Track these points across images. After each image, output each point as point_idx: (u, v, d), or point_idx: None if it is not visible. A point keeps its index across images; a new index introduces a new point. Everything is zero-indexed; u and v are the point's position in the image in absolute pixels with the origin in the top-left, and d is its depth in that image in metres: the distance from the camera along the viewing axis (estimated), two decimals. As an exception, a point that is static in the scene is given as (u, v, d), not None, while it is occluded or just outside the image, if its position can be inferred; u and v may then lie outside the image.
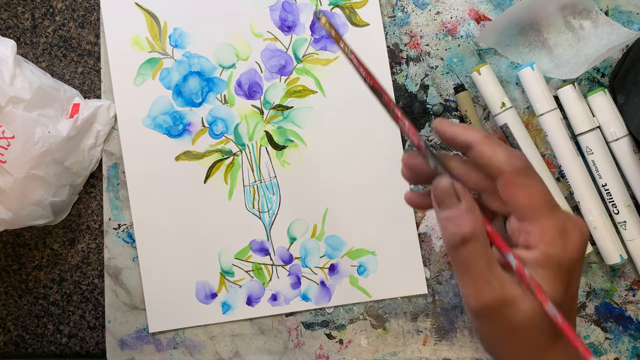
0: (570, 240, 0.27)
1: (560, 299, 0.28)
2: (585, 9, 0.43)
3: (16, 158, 0.40)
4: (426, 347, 0.45)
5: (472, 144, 0.28)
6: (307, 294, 0.46)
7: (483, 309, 0.27)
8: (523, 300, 0.27)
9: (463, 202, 0.27)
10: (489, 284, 0.27)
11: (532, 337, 0.28)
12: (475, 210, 0.27)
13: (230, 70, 0.46)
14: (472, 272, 0.27)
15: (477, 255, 0.27)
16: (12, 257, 0.48)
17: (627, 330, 0.44)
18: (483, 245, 0.27)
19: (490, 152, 0.27)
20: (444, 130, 0.29)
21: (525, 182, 0.27)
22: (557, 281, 0.27)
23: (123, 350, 0.46)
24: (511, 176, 0.27)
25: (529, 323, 0.27)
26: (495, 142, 0.28)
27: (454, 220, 0.27)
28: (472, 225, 0.27)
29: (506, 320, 0.27)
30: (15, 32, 0.48)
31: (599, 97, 0.42)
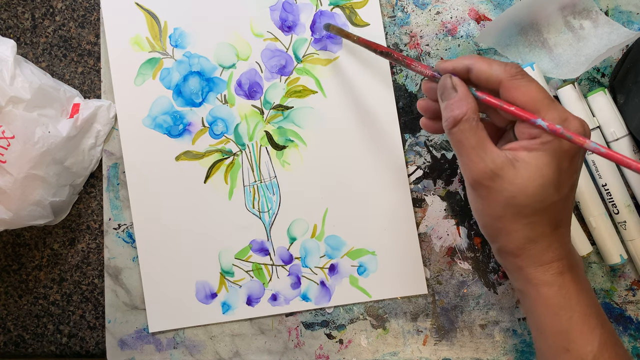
0: (571, 125, 0.30)
1: (558, 182, 0.30)
2: (585, 9, 0.43)
3: (16, 158, 0.40)
4: (426, 347, 0.45)
5: (470, 67, 0.32)
6: (307, 294, 0.46)
7: (476, 180, 0.31)
8: (514, 173, 0.30)
9: (458, 91, 0.32)
10: (481, 158, 0.31)
11: (524, 208, 0.31)
12: (468, 98, 0.32)
13: (231, 70, 0.46)
14: (466, 149, 0.31)
15: (468, 134, 0.31)
16: (12, 257, 0.48)
17: (627, 330, 0.44)
18: (473, 126, 0.31)
19: (487, 67, 0.32)
20: (444, 67, 0.33)
21: (522, 83, 0.31)
22: (557, 164, 0.30)
23: (123, 350, 0.46)
24: (509, 82, 0.31)
25: (520, 194, 0.30)
26: (489, 58, 0.32)
27: (449, 107, 0.32)
28: (463, 108, 0.31)
29: (498, 191, 0.31)
30: (15, 32, 0.48)
31: (599, 97, 0.42)
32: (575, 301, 0.32)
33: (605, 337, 0.32)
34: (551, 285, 0.32)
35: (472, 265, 0.45)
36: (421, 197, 0.45)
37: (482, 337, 0.45)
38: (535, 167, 0.30)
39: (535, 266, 0.32)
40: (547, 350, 0.34)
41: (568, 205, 0.33)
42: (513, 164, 0.30)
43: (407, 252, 0.45)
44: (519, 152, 0.31)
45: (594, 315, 0.33)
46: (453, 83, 0.32)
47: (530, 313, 0.34)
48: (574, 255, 0.34)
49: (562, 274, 0.32)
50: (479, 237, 0.45)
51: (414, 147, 0.45)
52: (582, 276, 0.34)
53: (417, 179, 0.45)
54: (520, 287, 0.34)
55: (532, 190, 0.30)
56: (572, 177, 0.32)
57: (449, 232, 0.45)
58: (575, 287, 0.32)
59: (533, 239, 0.32)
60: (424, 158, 0.45)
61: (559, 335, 0.32)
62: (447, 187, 0.45)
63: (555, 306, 0.32)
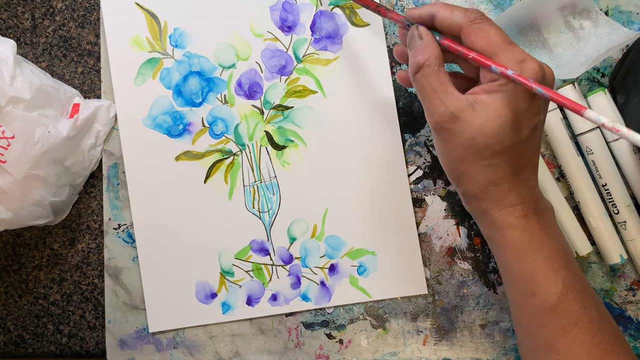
0: (528, 67, 0.30)
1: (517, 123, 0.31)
2: (585, 9, 0.43)
3: (16, 158, 0.40)
4: (426, 347, 0.45)
5: (434, 14, 0.33)
6: (307, 294, 0.46)
7: (438, 123, 0.32)
8: (473, 115, 0.31)
9: (423, 39, 0.33)
10: (441, 102, 0.32)
11: (483, 149, 0.31)
12: (431, 45, 0.33)
13: (231, 70, 0.46)
14: (428, 93, 0.32)
15: (430, 79, 0.32)
16: (12, 257, 0.48)
17: (627, 330, 0.44)
18: (435, 70, 0.32)
19: (449, 13, 0.33)
20: (411, 14, 0.35)
21: (481, 27, 0.32)
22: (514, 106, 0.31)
23: (123, 350, 0.46)
24: (469, 27, 0.32)
25: (479, 135, 0.31)
26: (452, 5, 0.33)
27: (413, 54, 0.33)
28: (425, 54, 0.32)
29: (458, 133, 0.31)
30: (15, 32, 0.48)
31: (599, 97, 0.42)
32: (539, 244, 0.33)
33: (570, 279, 0.33)
34: (515, 228, 0.33)
35: (472, 265, 0.45)
36: (421, 197, 0.45)
37: (482, 337, 0.45)
38: (493, 108, 0.31)
39: (499, 209, 0.33)
40: (515, 295, 0.34)
41: (531, 148, 0.33)
42: (473, 106, 0.31)
43: (407, 252, 0.45)
44: (480, 95, 0.32)
45: (559, 258, 0.33)
46: (419, 32, 0.34)
47: (499, 259, 0.35)
48: (541, 200, 0.34)
49: (527, 217, 0.33)
50: (479, 237, 0.45)
51: (414, 147, 0.45)
52: (550, 220, 0.34)
53: (417, 179, 0.45)
54: (487, 233, 0.35)
55: (490, 131, 0.31)
56: (532, 118, 0.32)
57: (449, 232, 0.45)
58: (540, 230, 0.33)
59: (495, 181, 0.32)
60: (424, 158, 0.45)
61: (524, 279, 0.33)
62: (447, 187, 0.45)
63: (519, 249, 0.33)
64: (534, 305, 0.33)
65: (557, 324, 0.32)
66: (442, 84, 0.32)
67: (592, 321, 0.32)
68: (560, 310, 0.32)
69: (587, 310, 0.33)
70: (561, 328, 0.32)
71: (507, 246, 0.33)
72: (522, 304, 0.34)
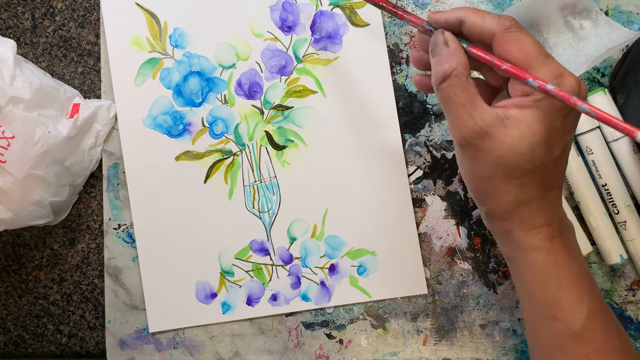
0: (566, 82, 0.28)
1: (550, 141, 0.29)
2: (585, 9, 0.43)
3: (16, 158, 0.40)
4: (426, 347, 0.45)
5: (463, 19, 0.31)
6: (307, 294, 0.46)
7: (465, 139, 0.30)
8: (504, 131, 0.29)
9: (449, 46, 0.31)
10: (470, 116, 0.29)
11: (514, 168, 0.29)
12: (458, 53, 0.30)
13: (231, 70, 0.46)
14: (455, 106, 0.30)
15: (457, 90, 0.30)
16: (12, 257, 0.48)
17: (627, 330, 0.44)
18: (463, 81, 0.30)
19: (480, 19, 0.30)
20: (436, 19, 0.32)
21: (515, 37, 0.29)
22: (549, 123, 0.29)
23: (123, 350, 0.46)
24: (502, 35, 0.29)
25: (510, 153, 0.29)
26: (483, 11, 0.31)
27: (438, 62, 0.31)
28: (453, 63, 0.30)
29: (487, 150, 0.29)
30: (15, 32, 0.48)
31: (599, 97, 0.42)
32: (564, 268, 0.31)
33: (594, 305, 0.32)
34: (540, 250, 0.31)
35: (472, 265, 0.45)
36: (421, 197, 0.45)
37: (482, 337, 0.45)
38: (526, 125, 0.29)
39: (524, 230, 0.31)
40: (535, 318, 0.33)
41: (560, 167, 0.31)
42: (503, 122, 0.29)
43: (407, 252, 0.45)
44: (511, 110, 0.29)
45: (583, 283, 0.32)
46: (445, 38, 0.31)
47: (519, 280, 0.33)
48: (565, 221, 0.33)
49: (552, 239, 0.31)
50: (479, 237, 0.45)
51: (414, 147, 0.45)
52: (573, 242, 0.33)
53: (417, 179, 0.45)
54: (508, 253, 0.33)
55: (522, 150, 0.29)
56: (565, 136, 0.30)
57: (449, 232, 0.45)
58: (565, 253, 0.32)
59: (523, 201, 0.31)
60: (424, 158, 0.45)
61: (547, 303, 0.32)
62: (447, 187, 0.45)
63: (544, 272, 0.31)
64: (556, 331, 0.32)
65: (579, 351, 0.31)
66: (470, 96, 0.30)
67: (615, 348, 0.31)
68: (584, 337, 0.31)
69: (610, 337, 0.31)
70: (584, 355, 0.31)
71: (531, 268, 0.32)
72: (543, 327, 0.33)
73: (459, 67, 0.30)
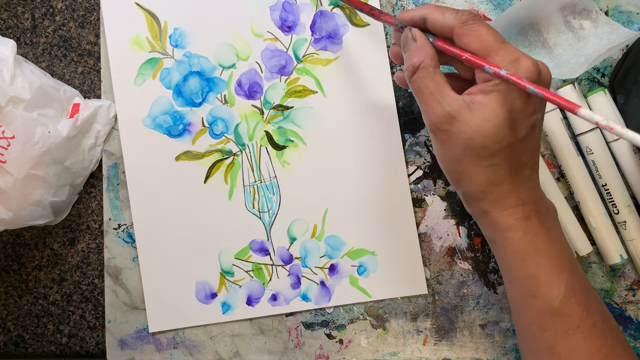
0: (522, 65, 0.30)
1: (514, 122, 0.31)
2: (585, 9, 0.43)
3: (16, 158, 0.40)
4: (426, 347, 0.45)
5: (426, 16, 0.33)
6: (307, 294, 0.46)
7: (435, 124, 0.32)
8: (470, 115, 0.31)
9: (417, 41, 0.33)
10: (438, 103, 0.32)
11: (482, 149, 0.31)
12: (425, 47, 0.33)
13: (231, 70, 0.46)
14: (425, 95, 0.32)
15: (426, 81, 0.32)
16: (12, 257, 0.48)
17: (627, 330, 0.44)
18: (431, 72, 0.32)
19: (440, 15, 0.33)
20: (404, 17, 0.35)
21: (472, 29, 0.32)
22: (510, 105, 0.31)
23: (123, 350, 0.46)
24: (461, 28, 0.32)
25: (476, 135, 0.31)
26: (444, 7, 0.33)
27: (409, 56, 0.33)
28: (420, 56, 0.32)
29: (456, 134, 0.31)
30: (15, 32, 0.48)
31: (599, 97, 0.42)
32: (542, 246, 0.32)
33: (573, 282, 0.32)
34: (516, 229, 0.32)
35: (472, 265, 0.45)
36: (421, 197, 0.45)
37: (482, 337, 0.45)
38: (489, 108, 0.31)
39: (500, 210, 0.33)
40: (516, 297, 0.34)
41: (530, 147, 0.33)
42: (469, 107, 0.31)
43: (407, 252, 0.45)
44: (476, 96, 0.31)
45: (562, 261, 0.33)
46: (413, 34, 0.33)
47: (500, 261, 0.34)
48: (543, 201, 0.34)
49: (528, 218, 0.32)
50: (479, 237, 0.45)
51: (414, 147, 0.45)
52: (553, 222, 0.34)
53: (417, 179, 0.45)
54: (488, 235, 0.34)
55: (487, 131, 0.31)
56: (529, 117, 0.32)
57: (449, 232, 0.45)
58: (543, 232, 0.33)
59: (495, 181, 0.32)
60: (424, 158, 0.45)
61: (527, 281, 0.33)
62: (447, 187, 0.45)
63: (522, 251, 0.32)
64: (536, 308, 0.33)
65: (559, 328, 0.32)
66: (438, 85, 0.32)
67: (595, 325, 0.32)
68: (562, 313, 0.32)
69: (589, 313, 0.32)
70: (563, 332, 0.32)
71: (509, 248, 0.33)
72: (524, 307, 0.34)
73: (427, 59, 0.32)
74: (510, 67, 0.30)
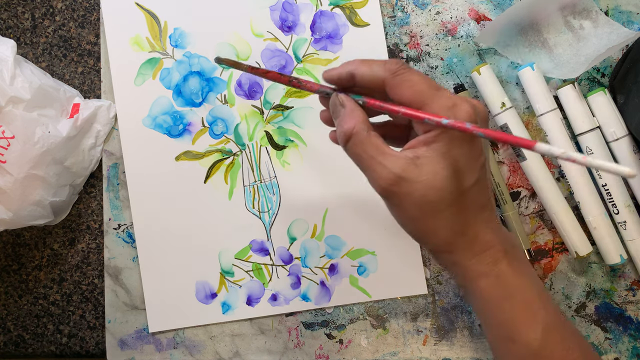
0: (460, 111, 0.29)
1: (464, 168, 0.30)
2: (585, 9, 0.43)
3: (16, 158, 0.40)
4: (426, 347, 0.45)
5: (353, 72, 0.32)
6: (307, 294, 0.46)
7: (384, 189, 0.30)
8: (418, 171, 0.29)
9: (345, 107, 0.32)
10: (382, 166, 0.30)
11: (438, 203, 0.30)
12: (355, 111, 0.31)
13: (231, 70, 0.46)
14: (365, 160, 0.31)
15: (363, 146, 0.31)
16: (12, 257, 0.48)
17: (627, 330, 0.44)
18: (365, 136, 0.31)
19: (368, 69, 0.31)
20: (330, 76, 0.33)
21: (404, 78, 0.30)
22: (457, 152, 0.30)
23: (123, 350, 0.46)
24: (392, 79, 0.30)
25: (430, 190, 0.29)
26: (370, 60, 0.32)
27: (339, 124, 0.32)
28: (351, 123, 0.31)
29: (408, 194, 0.30)
30: (15, 32, 0.48)
31: (599, 97, 0.42)
32: (514, 289, 0.32)
33: (550, 320, 0.32)
34: (488, 276, 0.31)
35: (472, 265, 0.45)
36: (421, 197, 0.45)
37: (482, 337, 0.45)
38: (435, 160, 0.29)
39: (469, 258, 0.32)
40: (496, 342, 0.33)
41: (484, 188, 0.32)
42: (415, 163, 0.29)
43: (407, 252, 0.45)
44: (419, 149, 0.30)
45: (536, 300, 0.32)
46: (340, 100, 0.32)
47: (475, 308, 0.34)
48: (508, 239, 0.33)
49: (497, 262, 0.31)
50: (479, 237, 0.45)
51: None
52: (521, 260, 0.33)
53: (417, 179, 0.45)
54: (461, 283, 0.34)
55: (439, 183, 0.29)
56: (477, 159, 0.31)
57: (449, 232, 0.45)
58: (513, 274, 0.32)
59: (458, 231, 0.31)
60: (424, 158, 0.45)
61: (504, 326, 0.32)
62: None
63: (496, 297, 0.32)
64: (516, 353, 0.32)
65: None
66: (377, 148, 0.30)
67: None
68: (543, 356, 0.31)
69: (569, 351, 0.32)
70: None
71: (483, 295, 0.32)
72: (504, 352, 0.33)
73: (357, 124, 0.31)
74: (449, 113, 0.29)
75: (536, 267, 0.45)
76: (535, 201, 0.45)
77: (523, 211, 0.45)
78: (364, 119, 0.31)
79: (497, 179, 0.44)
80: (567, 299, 0.45)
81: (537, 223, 0.45)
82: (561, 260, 0.45)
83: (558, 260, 0.45)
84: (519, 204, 0.45)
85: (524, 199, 0.45)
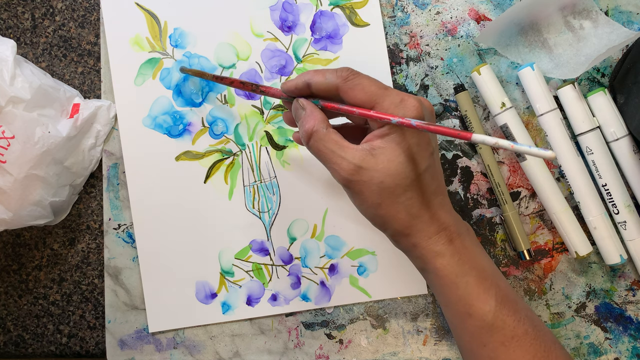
0: (408, 105, 0.32)
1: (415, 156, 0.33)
2: (585, 9, 0.43)
3: (16, 158, 0.40)
4: (426, 347, 0.45)
5: (309, 83, 0.35)
6: (307, 294, 0.46)
7: (345, 179, 0.33)
8: (375, 161, 0.33)
9: (305, 109, 0.35)
10: (342, 159, 0.33)
11: (395, 188, 0.33)
12: (314, 112, 0.35)
13: (231, 70, 0.46)
14: (326, 155, 0.34)
15: (324, 142, 0.34)
16: (12, 257, 0.48)
17: (627, 330, 0.44)
18: (325, 133, 0.34)
19: (322, 78, 0.35)
20: (288, 88, 0.37)
21: (354, 82, 0.34)
22: (408, 142, 0.33)
23: (123, 350, 0.46)
24: (344, 85, 0.34)
25: (386, 177, 0.33)
26: (323, 70, 0.35)
27: (301, 125, 0.35)
28: (310, 123, 0.34)
29: (367, 181, 0.33)
30: (15, 32, 0.48)
31: (599, 97, 0.42)
32: (468, 265, 0.34)
33: (502, 294, 0.34)
34: (444, 254, 0.34)
35: (472, 265, 0.45)
36: (421, 197, 0.45)
37: (482, 337, 0.45)
38: (390, 149, 0.33)
39: (426, 239, 0.34)
40: (453, 319, 0.36)
41: (435, 174, 0.35)
42: (372, 153, 0.33)
43: (407, 252, 0.45)
44: (375, 142, 0.33)
45: (488, 276, 0.35)
46: (300, 104, 0.36)
47: (434, 288, 0.36)
48: (460, 223, 0.36)
49: (452, 241, 0.34)
50: (479, 237, 0.45)
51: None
52: (473, 240, 0.36)
53: (417, 179, 0.45)
54: (420, 265, 0.36)
55: (394, 170, 0.32)
56: (427, 148, 0.34)
57: (449, 232, 0.45)
58: (466, 252, 0.35)
59: (414, 214, 0.34)
60: (424, 158, 0.45)
61: (461, 302, 0.34)
62: (447, 187, 0.45)
63: (452, 274, 0.34)
64: (472, 326, 0.34)
65: (496, 341, 0.34)
66: (336, 142, 0.34)
67: (527, 332, 0.34)
68: (496, 327, 0.34)
69: (520, 322, 0.34)
70: (500, 344, 0.34)
71: (440, 274, 0.34)
72: (462, 327, 0.35)
73: (317, 123, 0.34)
74: (398, 108, 0.32)
75: (536, 267, 0.45)
76: (535, 201, 0.45)
77: (523, 211, 0.45)
78: (322, 118, 0.35)
79: (497, 179, 0.44)
80: (567, 299, 0.45)
81: (537, 223, 0.45)
82: (561, 260, 0.45)
83: (558, 260, 0.45)
84: (519, 204, 0.45)
85: (524, 199, 0.45)
